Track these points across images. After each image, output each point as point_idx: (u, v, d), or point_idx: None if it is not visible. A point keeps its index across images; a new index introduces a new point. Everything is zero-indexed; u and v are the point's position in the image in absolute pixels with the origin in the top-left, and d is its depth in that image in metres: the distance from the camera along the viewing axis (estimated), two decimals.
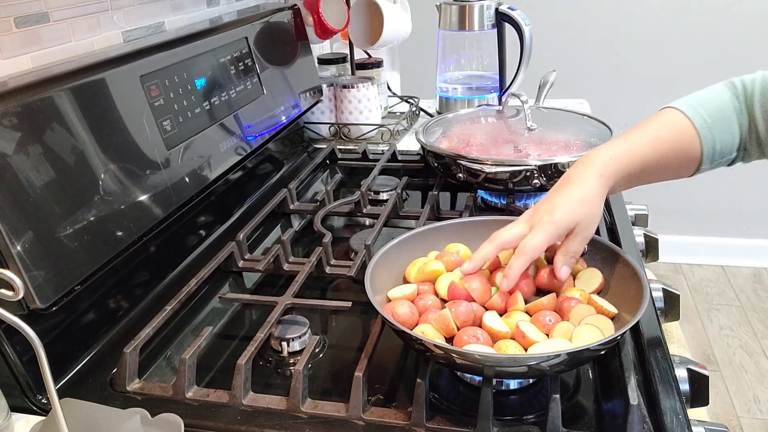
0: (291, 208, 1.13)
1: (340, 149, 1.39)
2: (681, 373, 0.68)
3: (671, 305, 0.84)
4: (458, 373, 0.70)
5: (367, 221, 1.12)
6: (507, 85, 1.50)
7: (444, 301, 0.72)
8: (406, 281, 0.78)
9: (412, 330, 0.65)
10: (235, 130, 1.07)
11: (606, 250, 0.76)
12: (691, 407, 0.66)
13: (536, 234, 0.69)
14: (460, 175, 1.05)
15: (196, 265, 0.91)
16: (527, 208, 1.01)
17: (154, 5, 1.10)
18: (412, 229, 0.83)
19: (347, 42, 1.56)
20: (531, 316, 0.70)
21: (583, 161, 0.72)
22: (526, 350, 0.64)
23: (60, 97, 0.74)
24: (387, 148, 1.39)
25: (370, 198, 1.16)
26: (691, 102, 0.74)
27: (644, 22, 2.38)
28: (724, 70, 0.77)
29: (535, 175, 0.99)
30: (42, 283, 0.67)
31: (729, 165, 0.77)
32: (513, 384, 0.68)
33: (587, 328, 0.65)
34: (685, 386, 0.68)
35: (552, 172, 0.98)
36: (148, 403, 0.65)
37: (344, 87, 1.42)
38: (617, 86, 2.45)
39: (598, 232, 0.89)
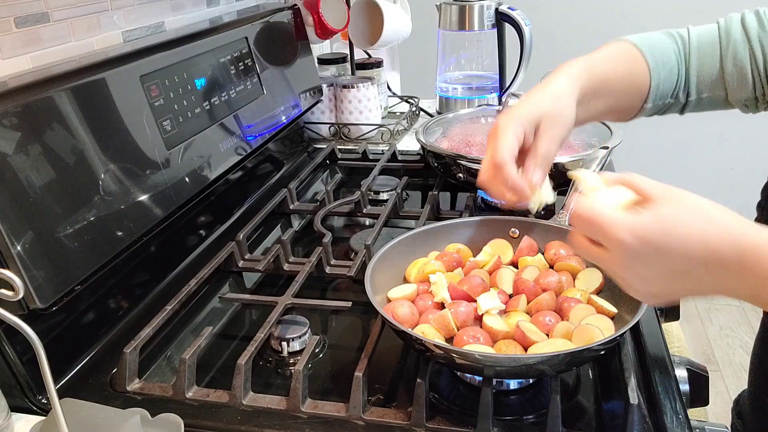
0: (291, 208, 1.13)
1: (340, 149, 1.39)
2: (681, 373, 0.68)
3: (671, 305, 0.84)
4: (458, 373, 0.70)
5: (367, 221, 1.12)
6: (507, 85, 1.50)
7: (439, 304, 0.72)
8: (406, 281, 0.78)
9: (412, 330, 0.65)
10: (235, 130, 1.07)
11: None
12: (691, 407, 0.66)
13: (518, 107, 0.68)
14: (460, 175, 1.05)
15: (196, 265, 0.91)
16: (527, 209, 1.02)
17: (154, 5, 1.10)
18: (412, 229, 0.83)
19: (347, 42, 1.55)
20: (531, 316, 0.70)
21: (555, 72, 0.73)
22: (526, 350, 0.64)
23: (60, 97, 0.74)
24: (387, 148, 1.39)
25: (370, 198, 1.16)
26: (642, 40, 0.77)
27: (644, 22, 2.38)
28: None
29: None
30: (42, 283, 0.67)
31: (663, 113, 0.80)
32: (513, 384, 0.68)
33: (587, 328, 0.65)
34: (685, 386, 0.68)
35: (552, 172, 0.98)
36: (148, 403, 0.65)
37: (344, 87, 1.42)
38: None
39: None
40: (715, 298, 0.53)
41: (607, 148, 1.01)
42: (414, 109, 1.58)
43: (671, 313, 0.85)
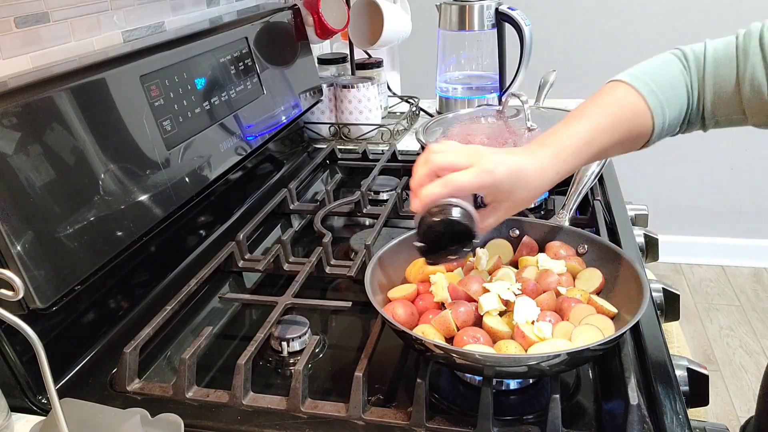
0: (291, 208, 1.13)
1: (340, 149, 1.39)
2: (681, 373, 0.68)
3: (671, 305, 0.84)
4: (458, 373, 0.70)
5: (367, 221, 1.12)
6: (507, 85, 1.50)
7: (439, 304, 0.72)
8: (406, 281, 0.78)
9: (412, 330, 0.65)
10: (235, 130, 1.07)
11: (606, 250, 0.76)
12: (691, 407, 0.66)
13: (470, 174, 0.63)
14: None
15: (196, 265, 0.91)
16: (527, 209, 1.01)
17: (154, 5, 1.10)
18: (412, 229, 0.83)
19: (347, 42, 1.56)
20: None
21: (550, 144, 0.68)
22: (526, 350, 0.64)
23: (60, 97, 0.74)
24: (387, 148, 1.39)
25: (370, 198, 1.16)
26: (643, 77, 0.72)
27: (644, 22, 2.38)
28: None
29: None
30: (42, 283, 0.67)
31: (670, 135, 0.76)
32: (513, 384, 0.68)
33: (587, 328, 0.65)
34: (685, 386, 0.68)
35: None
36: (148, 403, 0.65)
37: (344, 87, 1.42)
38: None
39: (597, 232, 0.89)
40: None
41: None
42: (414, 109, 1.58)
43: (671, 313, 0.85)
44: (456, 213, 0.63)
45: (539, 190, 0.67)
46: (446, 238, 0.65)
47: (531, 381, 0.68)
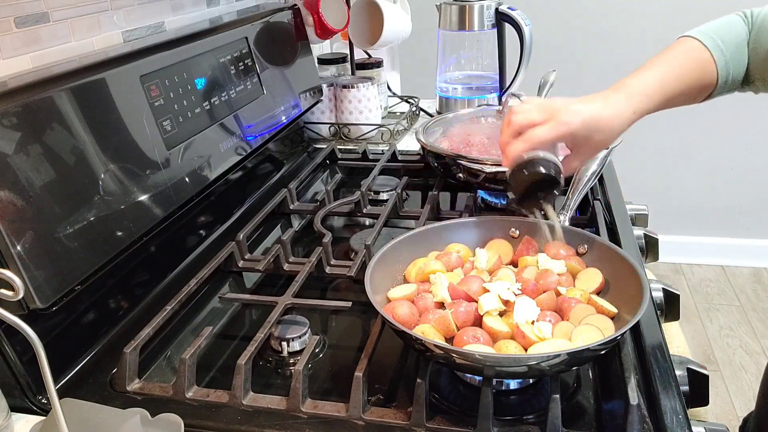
0: (291, 208, 1.13)
1: (340, 149, 1.39)
2: (681, 373, 0.68)
3: (671, 305, 0.84)
4: (458, 373, 0.70)
5: (367, 221, 1.12)
6: (507, 85, 1.50)
7: (439, 304, 0.72)
8: (406, 281, 0.78)
9: (412, 330, 0.65)
10: (235, 130, 1.07)
11: (606, 250, 0.76)
12: (691, 407, 0.66)
13: (548, 127, 0.71)
14: (460, 175, 1.05)
15: (196, 265, 0.91)
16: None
17: (154, 5, 1.10)
18: (412, 229, 0.83)
19: (347, 42, 1.56)
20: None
21: (623, 88, 0.74)
22: (526, 350, 0.64)
23: (60, 97, 0.74)
24: (387, 148, 1.39)
25: (370, 198, 1.16)
26: (711, 34, 0.78)
27: (644, 22, 2.38)
28: None
29: None
30: (42, 283, 0.67)
31: (729, 92, 0.82)
32: (513, 384, 0.68)
33: (587, 328, 0.65)
34: (685, 386, 0.68)
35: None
36: (148, 403, 0.65)
37: (344, 87, 1.42)
38: None
39: (597, 232, 0.89)
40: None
41: (607, 148, 1.01)
42: (414, 109, 1.58)
43: (671, 313, 0.85)
44: (540, 165, 0.71)
45: (617, 132, 0.73)
46: (534, 187, 0.73)
47: (531, 381, 0.68)
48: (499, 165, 1.00)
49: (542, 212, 0.79)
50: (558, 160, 0.73)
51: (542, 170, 0.71)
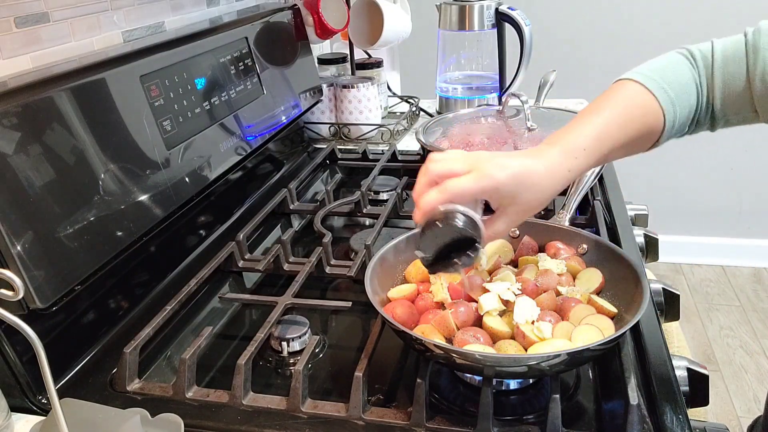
0: (291, 208, 1.13)
1: (340, 149, 1.39)
2: (681, 373, 0.68)
3: (671, 305, 0.84)
4: (458, 373, 0.70)
5: (367, 221, 1.12)
6: (507, 85, 1.50)
7: (439, 304, 0.72)
8: (406, 281, 0.78)
9: (412, 330, 0.65)
10: (235, 130, 1.07)
11: (606, 250, 0.76)
12: (691, 407, 0.66)
13: (470, 179, 0.61)
14: None
15: (196, 265, 0.91)
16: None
17: (154, 5, 1.10)
18: (412, 229, 0.83)
19: (347, 42, 1.56)
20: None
21: (558, 142, 0.65)
22: (526, 350, 0.64)
23: (60, 97, 0.74)
24: (387, 148, 1.39)
25: (370, 198, 1.16)
26: (653, 75, 0.70)
27: (644, 22, 2.38)
28: None
29: None
30: (42, 283, 0.67)
31: (677, 136, 0.74)
32: (513, 384, 0.68)
33: (587, 328, 0.65)
34: (685, 386, 0.68)
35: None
36: (148, 403, 0.65)
37: (344, 87, 1.42)
38: None
39: (597, 232, 0.89)
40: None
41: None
42: (414, 109, 1.58)
43: (671, 313, 0.85)
44: (458, 220, 0.60)
45: (550, 192, 0.64)
46: (450, 247, 0.63)
47: (531, 381, 0.68)
48: None
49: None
50: (479, 218, 0.62)
51: (459, 224, 0.60)
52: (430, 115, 1.59)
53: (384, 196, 1.18)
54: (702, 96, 0.71)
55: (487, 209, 0.65)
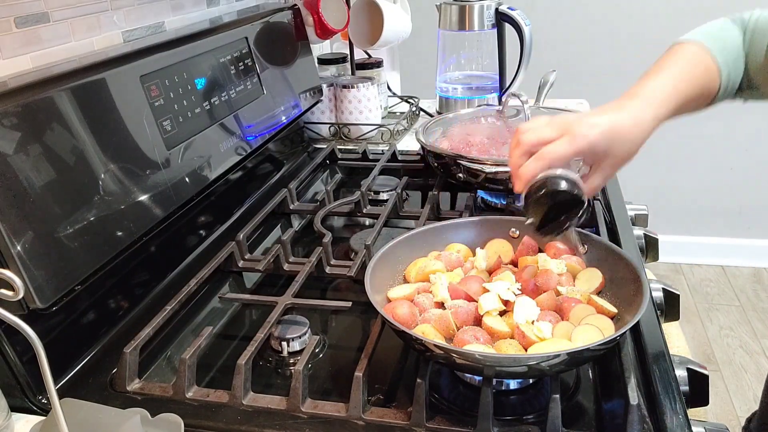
0: (291, 208, 1.13)
1: (340, 149, 1.39)
2: (681, 373, 0.68)
3: (671, 305, 0.84)
4: (458, 373, 0.70)
5: (367, 221, 1.12)
6: (507, 85, 1.50)
7: (439, 304, 0.72)
8: (406, 281, 0.78)
9: (412, 330, 0.65)
10: (235, 130, 1.07)
11: (606, 250, 0.76)
12: (691, 407, 0.66)
13: (564, 143, 0.64)
14: (460, 175, 1.05)
15: (196, 265, 0.91)
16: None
17: (154, 5, 1.10)
18: (412, 229, 0.83)
19: (347, 42, 1.56)
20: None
21: (638, 94, 0.69)
22: (526, 350, 0.64)
23: (60, 97, 0.74)
24: (387, 148, 1.39)
25: (370, 198, 1.16)
26: (710, 39, 0.75)
27: (644, 22, 2.38)
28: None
29: None
30: (42, 283, 0.67)
31: (724, 100, 0.79)
32: (513, 384, 0.68)
33: (587, 328, 0.65)
34: (685, 386, 0.68)
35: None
36: (148, 403, 0.65)
37: (344, 87, 1.42)
38: (617, 86, 2.44)
39: (597, 232, 0.89)
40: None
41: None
42: (414, 109, 1.58)
43: (671, 313, 0.85)
44: (559, 183, 0.64)
45: (640, 141, 0.67)
46: (555, 210, 0.66)
47: (531, 381, 0.68)
48: (499, 165, 1.00)
49: (562, 234, 0.71)
50: (578, 177, 0.66)
51: (564, 186, 0.63)
52: (430, 115, 1.59)
53: (384, 196, 1.18)
54: (746, 61, 0.75)
55: None
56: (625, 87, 0.72)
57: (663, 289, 0.84)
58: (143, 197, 0.84)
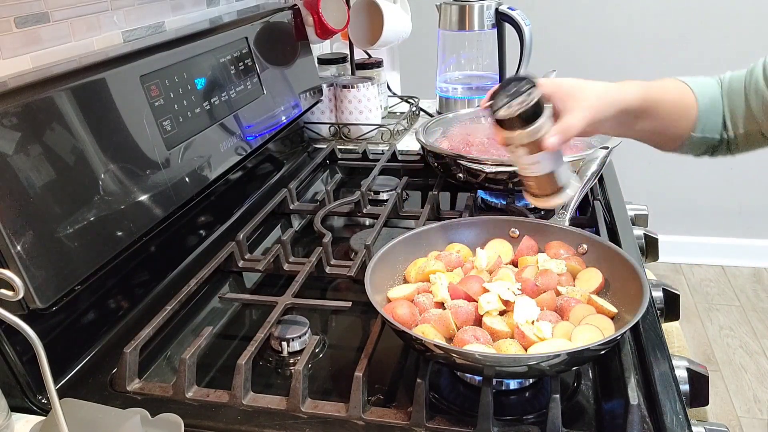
0: (291, 208, 1.13)
1: (340, 149, 1.39)
2: (681, 373, 0.68)
3: (671, 305, 0.84)
4: (458, 373, 0.70)
5: (367, 221, 1.12)
6: None
7: (439, 304, 0.72)
8: (406, 281, 0.78)
9: (412, 330, 0.65)
10: (235, 130, 1.07)
11: (606, 250, 0.76)
12: (691, 407, 0.66)
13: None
14: (460, 175, 1.05)
15: (196, 265, 0.91)
16: (527, 209, 1.01)
17: (154, 5, 1.10)
18: (412, 229, 0.83)
19: (347, 42, 1.56)
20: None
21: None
22: (526, 350, 0.64)
23: (60, 97, 0.74)
24: (387, 148, 1.39)
25: (370, 198, 1.16)
26: (687, 78, 0.82)
27: (644, 22, 2.38)
28: (724, 69, 0.78)
29: None
30: (42, 283, 0.67)
31: (713, 155, 0.86)
32: (513, 384, 0.68)
33: (587, 328, 0.65)
34: (685, 386, 0.68)
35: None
36: (148, 403, 0.65)
37: (344, 87, 1.42)
38: None
39: (597, 232, 0.89)
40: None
41: (607, 148, 1.01)
42: (414, 109, 1.58)
43: (671, 313, 0.85)
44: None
45: (602, 91, 0.74)
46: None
47: (531, 381, 0.68)
48: (499, 165, 1.00)
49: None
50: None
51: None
52: (430, 115, 1.59)
53: (384, 196, 1.18)
54: (722, 107, 0.80)
55: None
56: None
57: (663, 289, 0.84)
58: (143, 197, 0.84)
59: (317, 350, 0.76)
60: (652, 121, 0.79)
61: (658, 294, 0.84)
